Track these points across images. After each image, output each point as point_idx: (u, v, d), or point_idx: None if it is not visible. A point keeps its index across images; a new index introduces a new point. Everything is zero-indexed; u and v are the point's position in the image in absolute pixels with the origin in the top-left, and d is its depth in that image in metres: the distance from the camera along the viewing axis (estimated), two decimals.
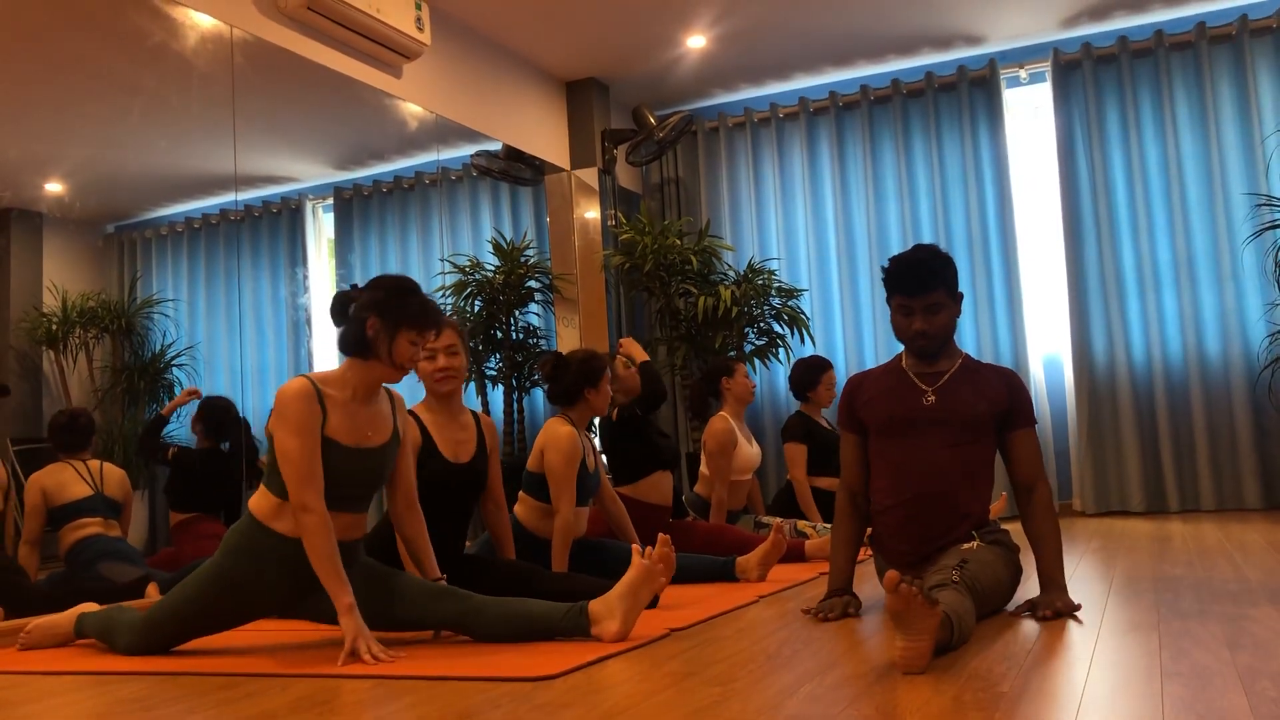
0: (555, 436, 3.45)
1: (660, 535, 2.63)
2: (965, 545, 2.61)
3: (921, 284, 2.70)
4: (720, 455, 4.50)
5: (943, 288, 2.71)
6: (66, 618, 2.85)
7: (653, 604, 2.97)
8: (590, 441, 3.66)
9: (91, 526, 3.47)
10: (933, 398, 2.71)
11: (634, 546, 2.53)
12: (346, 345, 2.59)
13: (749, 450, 4.65)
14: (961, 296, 2.78)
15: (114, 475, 3.59)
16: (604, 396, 3.59)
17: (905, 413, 2.72)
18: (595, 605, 2.48)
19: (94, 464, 3.56)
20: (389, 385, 2.72)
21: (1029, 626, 2.40)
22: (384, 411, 2.66)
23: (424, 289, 2.67)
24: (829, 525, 4.47)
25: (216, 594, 2.55)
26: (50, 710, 2.05)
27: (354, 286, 2.65)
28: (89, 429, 3.58)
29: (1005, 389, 2.73)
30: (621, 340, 4.41)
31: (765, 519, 4.65)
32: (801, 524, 4.50)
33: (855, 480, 2.82)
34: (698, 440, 5.47)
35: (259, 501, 2.55)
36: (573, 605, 2.50)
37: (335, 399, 2.54)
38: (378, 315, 2.55)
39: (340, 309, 2.63)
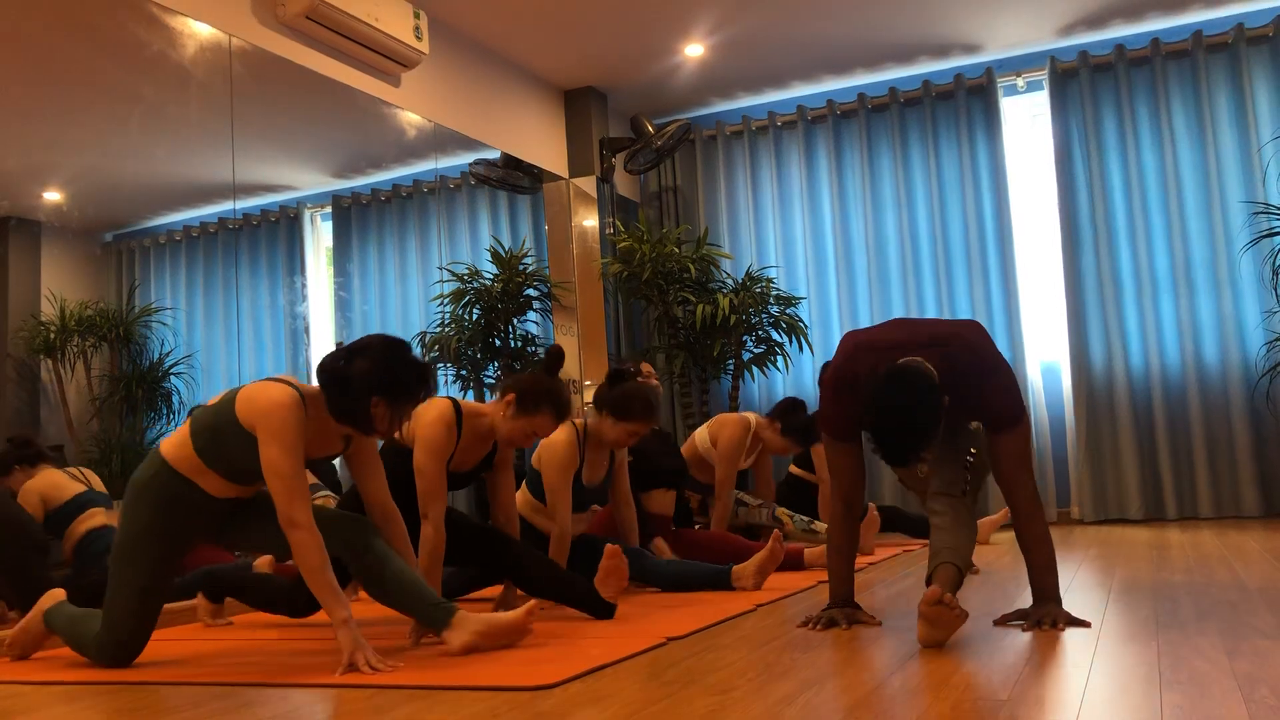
0: (551, 445, 3.45)
1: (608, 547, 2.64)
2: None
3: (908, 458, 2.43)
4: (730, 460, 4.52)
5: (929, 447, 2.45)
6: (34, 617, 2.82)
7: (608, 614, 2.98)
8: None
9: (98, 517, 3.48)
10: (925, 468, 2.71)
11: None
12: (342, 416, 2.48)
13: (743, 462, 4.70)
14: (948, 402, 2.47)
15: (93, 475, 3.60)
16: (613, 428, 3.53)
17: (905, 478, 2.76)
18: (460, 616, 2.50)
19: (73, 469, 3.57)
20: None
21: (1028, 635, 2.40)
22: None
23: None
24: (807, 520, 4.53)
25: (157, 549, 2.57)
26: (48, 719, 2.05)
27: (339, 345, 2.52)
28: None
29: (973, 399, 2.55)
30: None
31: (755, 509, 4.67)
32: (784, 513, 4.59)
33: (852, 489, 2.75)
34: (693, 424, 5.28)
35: (180, 453, 2.53)
36: (444, 602, 2.53)
37: (313, 415, 2.51)
38: (387, 402, 2.45)
39: (334, 378, 2.47)
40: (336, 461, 4.10)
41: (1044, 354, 6.08)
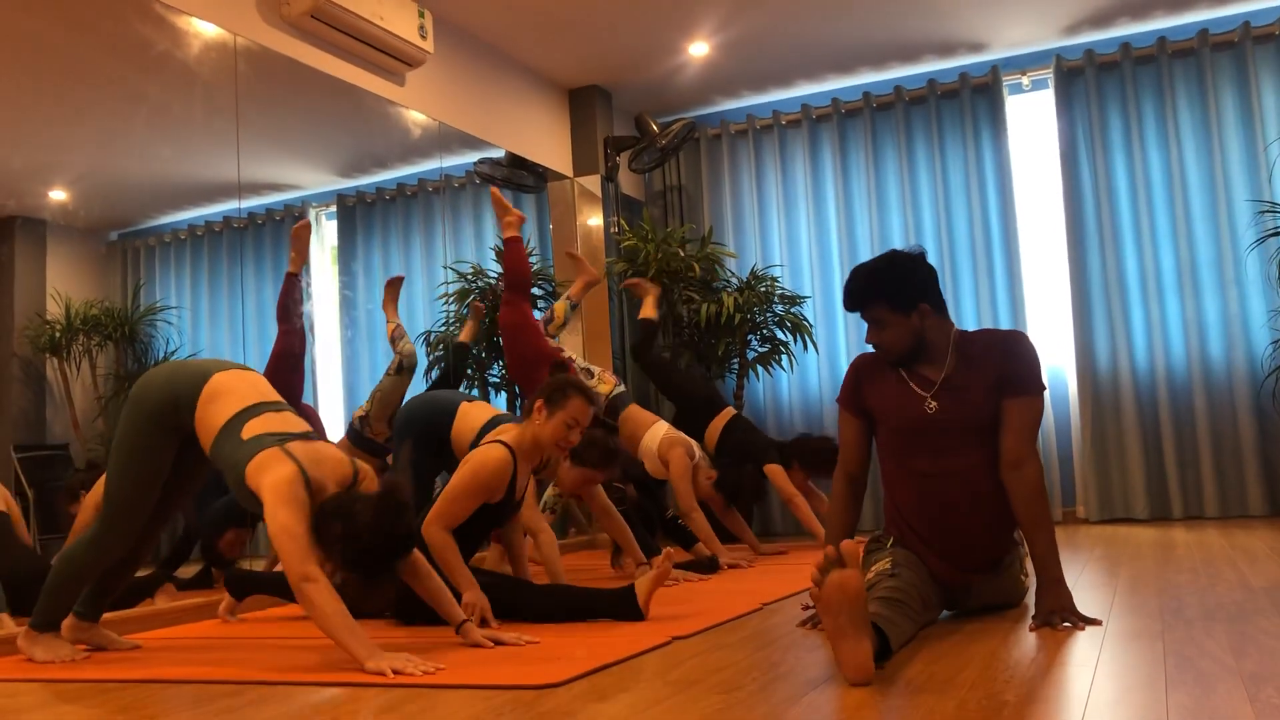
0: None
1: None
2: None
3: (855, 301, 2.65)
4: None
5: (880, 303, 2.60)
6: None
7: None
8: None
9: None
10: (934, 404, 2.63)
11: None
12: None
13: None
14: (925, 308, 2.63)
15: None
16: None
17: (910, 422, 2.64)
18: None
19: None
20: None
21: (1033, 634, 2.40)
22: None
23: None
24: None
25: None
26: (52, 718, 2.05)
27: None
28: None
29: (996, 364, 2.60)
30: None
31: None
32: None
33: (856, 464, 2.75)
34: None
35: (257, 476, 2.46)
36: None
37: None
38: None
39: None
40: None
41: (1049, 353, 6.06)
